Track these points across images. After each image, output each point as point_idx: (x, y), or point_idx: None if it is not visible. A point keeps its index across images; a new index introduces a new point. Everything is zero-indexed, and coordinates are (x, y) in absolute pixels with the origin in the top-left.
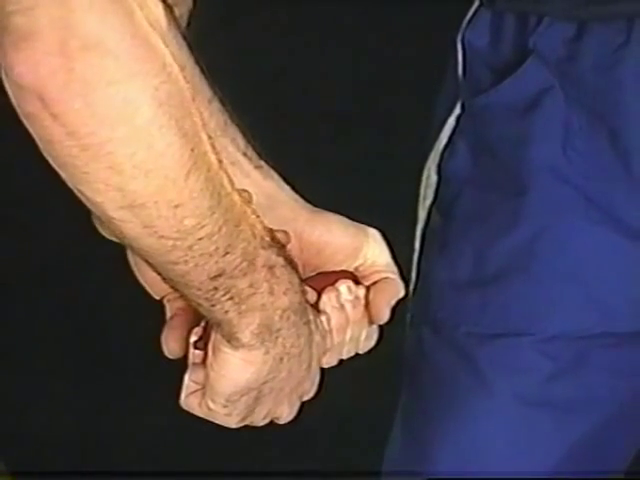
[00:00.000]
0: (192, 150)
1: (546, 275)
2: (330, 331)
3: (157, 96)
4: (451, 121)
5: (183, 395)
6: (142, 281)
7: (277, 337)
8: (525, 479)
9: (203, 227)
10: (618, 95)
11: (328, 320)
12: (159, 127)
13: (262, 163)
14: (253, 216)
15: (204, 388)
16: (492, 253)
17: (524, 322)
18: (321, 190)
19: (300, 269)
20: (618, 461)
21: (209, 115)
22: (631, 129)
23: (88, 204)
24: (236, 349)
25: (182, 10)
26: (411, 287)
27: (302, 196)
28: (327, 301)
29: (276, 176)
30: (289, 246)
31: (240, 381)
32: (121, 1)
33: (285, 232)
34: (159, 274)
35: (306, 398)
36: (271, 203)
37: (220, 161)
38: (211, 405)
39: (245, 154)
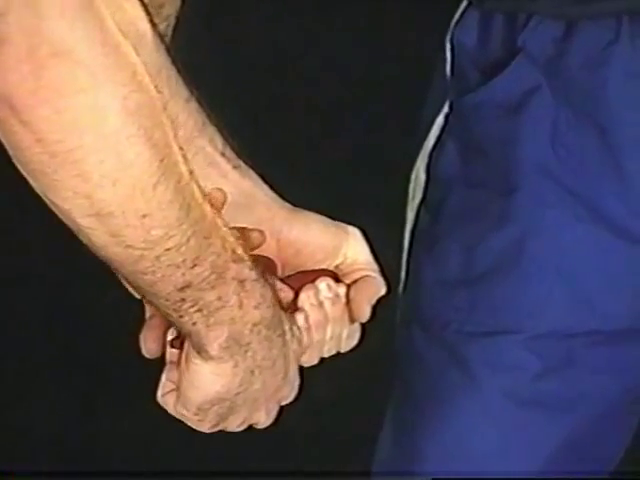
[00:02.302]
0: (161, 161)
1: (535, 273)
2: (308, 328)
3: (126, 105)
4: (440, 120)
5: (159, 393)
6: (124, 281)
7: (246, 351)
8: (514, 478)
9: (171, 238)
10: (607, 93)
11: (306, 317)
12: (127, 136)
13: (240, 163)
14: (225, 228)
15: (178, 389)
16: (481, 251)
17: (513, 320)
18: (309, 189)
19: (279, 269)
20: (607, 460)
21: (187, 115)
22: (620, 127)
23: (56, 211)
24: (206, 361)
25: (170, 11)
26: (400, 286)
27: (289, 196)
28: (305, 299)
29: (254, 175)
30: (265, 245)
31: (210, 392)
32: (92, 9)
33: (260, 231)
34: (129, 283)
35: (285, 403)
36: (249, 202)
37: (191, 172)
38: (183, 411)
39: (223, 154)
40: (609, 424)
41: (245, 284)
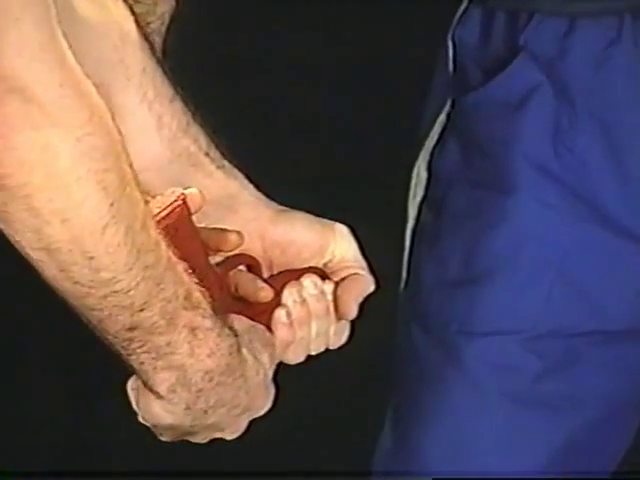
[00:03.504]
0: (111, 205)
1: (535, 273)
2: (291, 324)
3: (78, 147)
4: (442, 118)
5: (129, 384)
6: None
7: (198, 396)
8: (514, 478)
9: (119, 282)
10: (608, 92)
11: (288, 313)
12: (77, 178)
13: (225, 163)
14: (183, 275)
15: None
16: (481, 250)
17: (513, 320)
18: (308, 188)
19: (265, 268)
20: (608, 460)
21: (171, 115)
22: (622, 125)
23: (12, 241)
24: (157, 398)
25: (164, 9)
26: (402, 285)
27: (288, 196)
28: (289, 295)
29: (240, 176)
30: (251, 245)
31: (163, 423)
32: (53, 49)
33: (238, 233)
34: (81, 316)
35: (258, 415)
36: (233, 203)
37: (149, 215)
38: (142, 421)
39: (207, 154)
40: (610, 424)
41: (197, 332)
